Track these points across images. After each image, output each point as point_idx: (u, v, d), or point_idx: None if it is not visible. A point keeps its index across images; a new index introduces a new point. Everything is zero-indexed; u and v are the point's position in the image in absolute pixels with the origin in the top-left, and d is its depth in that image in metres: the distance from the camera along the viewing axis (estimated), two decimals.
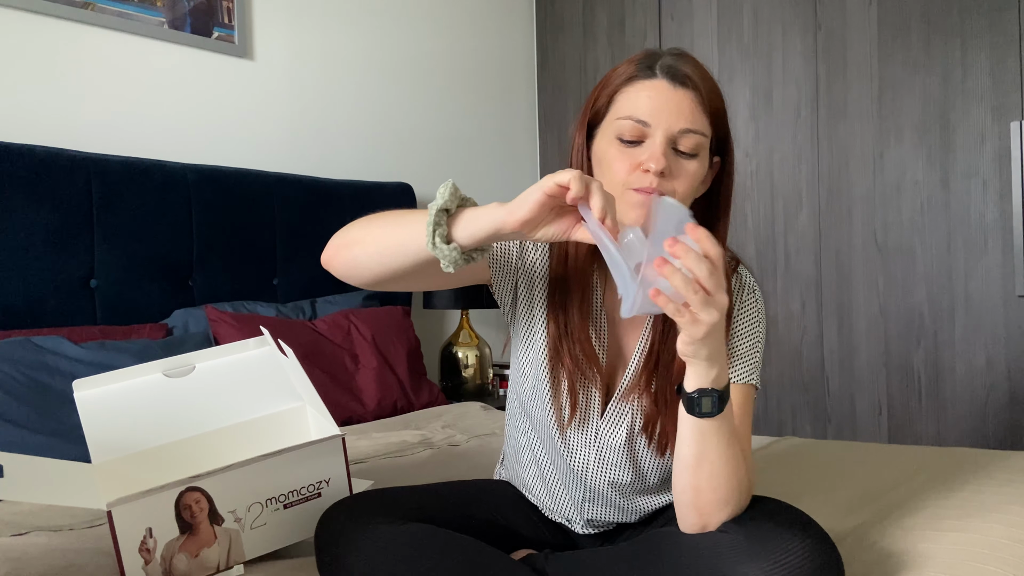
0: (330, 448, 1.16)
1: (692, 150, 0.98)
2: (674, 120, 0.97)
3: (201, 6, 2.38)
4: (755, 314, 1.07)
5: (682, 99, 0.98)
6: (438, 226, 0.90)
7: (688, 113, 0.97)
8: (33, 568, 1.12)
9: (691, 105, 0.98)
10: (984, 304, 2.49)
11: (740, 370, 1.04)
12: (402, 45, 3.00)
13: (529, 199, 0.86)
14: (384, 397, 2.31)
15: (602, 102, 1.03)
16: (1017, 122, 2.41)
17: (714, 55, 2.99)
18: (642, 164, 0.97)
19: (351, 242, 1.00)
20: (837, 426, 2.76)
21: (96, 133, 2.17)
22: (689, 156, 0.98)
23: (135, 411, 1.30)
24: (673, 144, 0.98)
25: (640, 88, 0.99)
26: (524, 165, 3.49)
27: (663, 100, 0.97)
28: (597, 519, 1.15)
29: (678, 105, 0.97)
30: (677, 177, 0.98)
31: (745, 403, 1.04)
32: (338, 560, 0.98)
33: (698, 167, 0.99)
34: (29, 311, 1.91)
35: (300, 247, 2.49)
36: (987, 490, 1.39)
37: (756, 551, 0.85)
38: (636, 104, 0.99)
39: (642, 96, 0.99)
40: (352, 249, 1.00)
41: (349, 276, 1.02)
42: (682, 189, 0.98)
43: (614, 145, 1.00)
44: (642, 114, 0.98)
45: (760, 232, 2.90)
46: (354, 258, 0.99)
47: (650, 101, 0.98)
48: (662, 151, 0.96)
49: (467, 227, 0.90)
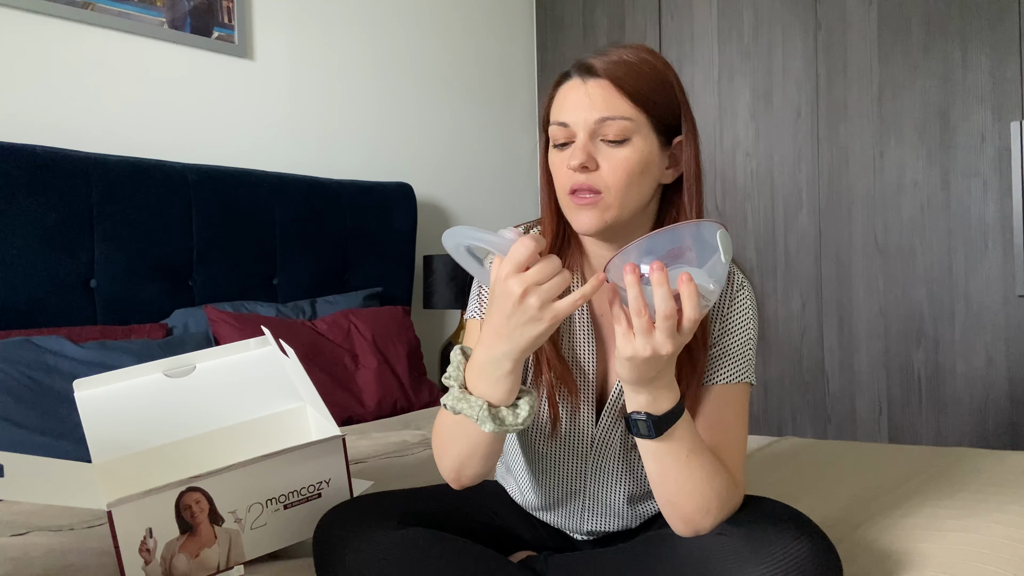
0: (330, 448, 1.16)
1: (618, 136, 0.96)
2: (587, 112, 0.97)
3: (201, 6, 2.38)
4: (747, 311, 1.05)
5: (592, 90, 0.97)
6: (477, 409, 0.91)
7: (600, 101, 0.96)
8: (33, 568, 1.12)
9: (603, 93, 0.97)
10: (984, 304, 2.49)
11: (732, 369, 1.03)
12: (402, 45, 3.00)
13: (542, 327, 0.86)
14: (384, 397, 2.31)
15: (544, 113, 1.05)
16: (1017, 122, 2.41)
17: (714, 55, 2.99)
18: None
19: (443, 468, 1.04)
20: (837, 426, 2.77)
21: (96, 133, 2.17)
22: (618, 143, 0.96)
23: (135, 411, 1.30)
24: (601, 137, 0.97)
25: (561, 92, 1.01)
26: (524, 165, 3.49)
27: (576, 97, 0.98)
28: (596, 529, 1.14)
29: (589, 97, 0.97)
30: (608, 170, 0.96)
31: (738, 402, 1.03)
32: (337, 567, 0.97)
33: (632, 152, 0.97)
34: (29, 311, 1.91)
35: (300, 247, 2.49)
36: (987, 490, 1.39)
37: (755, 553, 0.85)
38: (559, 108, 1.00)
39: (561, 99, 1.00)
40: (448, 471, 1.03)
41: (469, 484, 1.05)
42: (615, 180, 0.96)
43: (552, 153, 1.02)
44: (562, 116, 0.99)
45: (760, 232, 2.90)
46: (455, 471, 1.02)
47: (565, 100, 0.99)
48: (581, 146, 0.96)
49: (496, 386, 0.91)
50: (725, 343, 1.03)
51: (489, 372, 0.90)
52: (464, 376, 0.94)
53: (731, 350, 1.03)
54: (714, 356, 1.02)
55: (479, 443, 0.96)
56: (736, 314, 1.04)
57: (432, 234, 3.08)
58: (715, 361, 1.02)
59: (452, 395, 0.93)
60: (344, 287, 2.63)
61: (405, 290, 2.81)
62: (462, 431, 0.96)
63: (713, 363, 1.02)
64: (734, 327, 1.04)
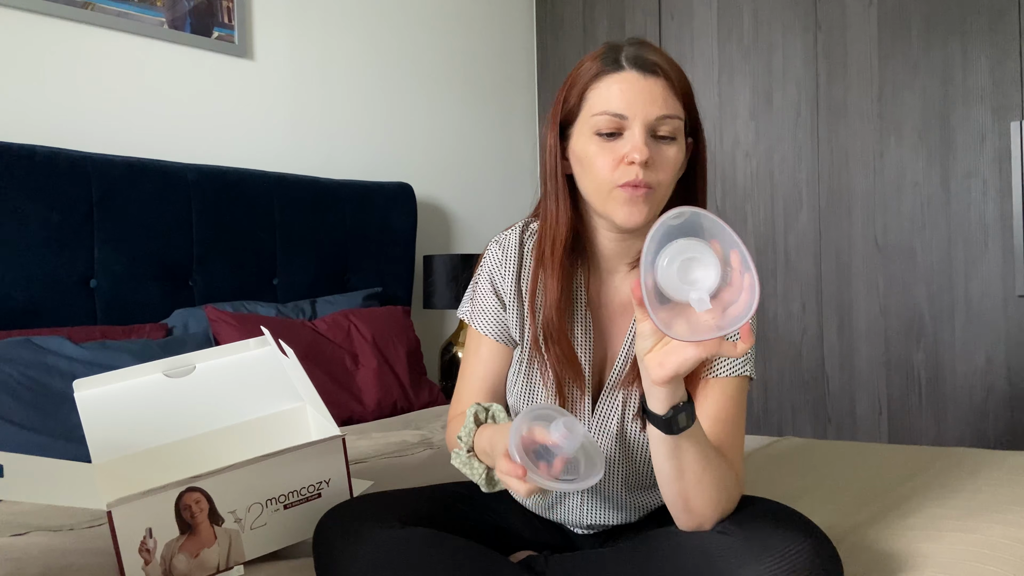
0: (330, 448, 1.16)
1: (671, 134, 1.00)
2: (650, 108, 0.98)
3: (201, 6, 2.38)
4: None
5: (654, 87, 0.99)
6: (479, 475, 1.02)
7: (661, 100, 0.99)
8: (33, 568, 1.12)
9: (663, 91, 0.99)
10: (984, 304, 2.49)
11: (732, 363, 1.04)
12: (402, 45, 3.00)
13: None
14: (384, 397, 2.31)
15: (573, 101, 1.04)
16: (1017, 122, 2.41)
17: (714, 55, 2.99)
18: (625, 156, 0.98)
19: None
20: (837, 426, 2.77)
21: (96, 133, 2.17)
22: (669, 141, 1.00)
23: (135, 411, 1.30)
24: (652, 132, 0.99)
25: (611, 82, 1.00)
26: (523, 165, 3.49)
27: (636, 91, 0.99)
28: (596, 522, 1.15)
29: (651, 93, 0.99)
30: (660, 165, 0.99)
31: (739, 394, 1.04)
32: (336, 567, 0.97)
33: (677, 151, 1.01)
34: (29, 311, 1.91)
35: (300, 247, 2.49)
36: (987, 490, 1.39)
37: (757, 552, 0.85)
38: (609, 98, 1.00)
39: (614, 89, 1.00)
40: None
41: None
42: (665, 176, 1.00)
43: (593, 142, 1.01)
44: (617, 107, 0.99)
45: (760, 232, 2.90)
46: None
47: (623, 93, 0.99)
48: (643, 141, 0.97)
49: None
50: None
51: (490, 453, 0.99)
52: (472, 442, 1.04)
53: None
54: None
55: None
56: None
57: (432, 234, 3.08)
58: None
59: (460, 458, 1.04)
60: (344, 287, 2.63)
61: (405, 290, 2.81)
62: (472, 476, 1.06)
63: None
64: None
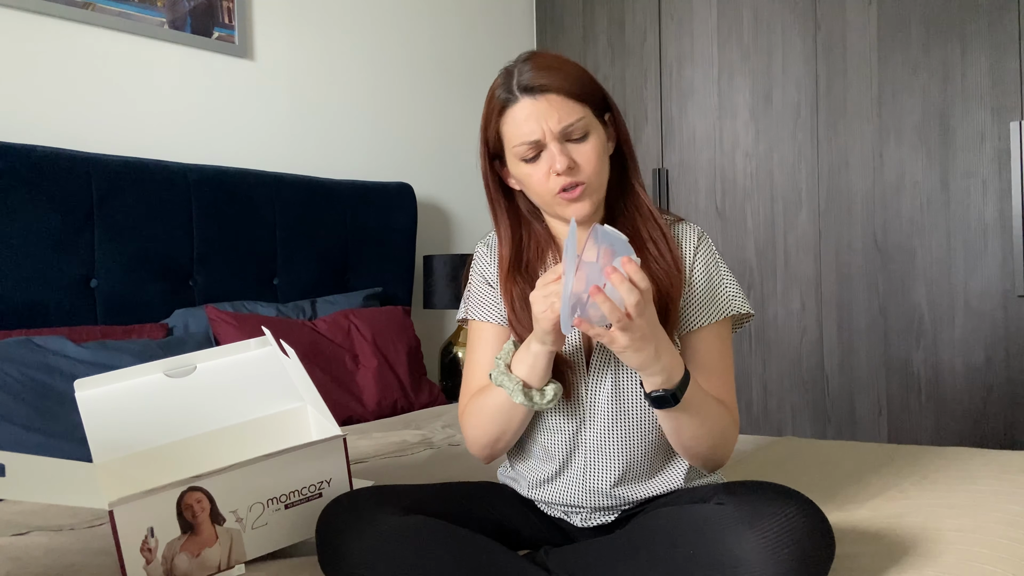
0: (331, 448, 1.16)
1: (582, 132, 1.11)
2: (553, 124, 1.09)
3: (201, 6, 2.38)
4: (709, 256, 1.20)
5: (549, 105, 1.09)
6: (513, 384, 1.10)
7: (559, 112, 1.09)
8: (34, 568, 1.12)
9: (559, 104, 1.09)
10: (984, 304, 2.50)
11: (709, 311, 1.17)
12: (402, 45, 3.00)
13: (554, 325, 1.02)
14: (384, 397, 2.31)
15: (492, 136, 1.16)
16: (1017, 122, 2.41)
17: (714, 55, 2.99)
18: (551, 169, 1.10)
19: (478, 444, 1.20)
20: (837, 426, 2.77)
21: (96, 133, 2.17)
22: (583, 139, 1.11)
23: (136, 411, 1.30)
24: (566, 138, 1.10)
25: (512, 114, 1.12)
26: None
27: (536, 115, 1.09)
28: (600, 503, 1.16)
29: (548, 111, 1.09)
30: (583, 162, 1.11)
31: (722, 337, 1.18)
32: (340, 550, 0.99)
33: (595, 141, 1.12)
34: (29, 311, 1.91)
35: (300, 247, 2.49)
36: (986, 490, 1.39)
37: (751, 520, 0.90)
38: (517, 129, 1.11)
39: (518, 120, 1.11)
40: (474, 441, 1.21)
41: (499, 456, 1.22)
42: (592, 168, 1.11)
43: (522, 166, 1.13)
44: (527, 135, 1.10)
45: (760, 232, 2.90)
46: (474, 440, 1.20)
47: (527, 121, 1.10)
48: (559, 152, 1.09)
49: (531, 372, 1.09)
50: (696, 292, 1.17)
51: (526, 360, 1.09)
52: (511, 359, 1.12)
53: (707, 295, 1.18)
54: (691, 304, 1.17)
55: (512, 420, 1.14)
56: (701, 261, 1.19)
57: (432, 234, 3.08)
58: (694, 309, 1.17)
59: (498, 371, 1.11)
60: (344, 287, 2.63)
61: (405, 290, 2.81)
62: (503, 415, 1.14)
63: (692, 311, 1.17)
64: (699, 276, 1.18)
